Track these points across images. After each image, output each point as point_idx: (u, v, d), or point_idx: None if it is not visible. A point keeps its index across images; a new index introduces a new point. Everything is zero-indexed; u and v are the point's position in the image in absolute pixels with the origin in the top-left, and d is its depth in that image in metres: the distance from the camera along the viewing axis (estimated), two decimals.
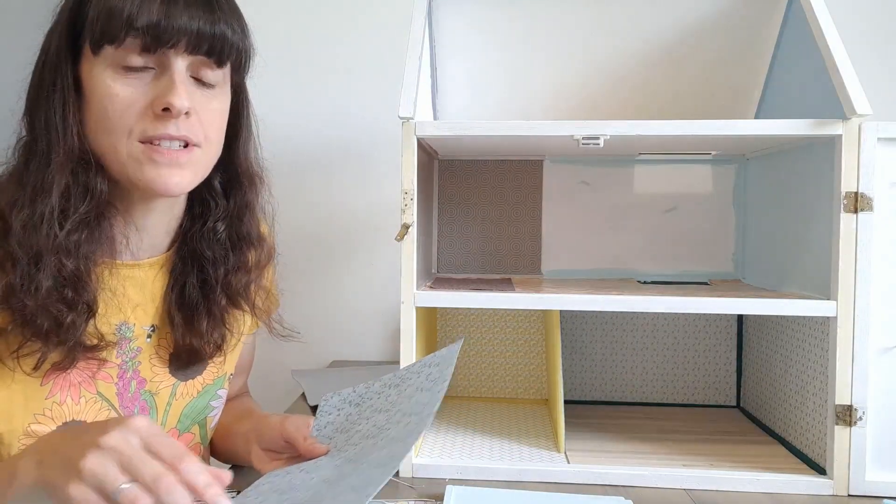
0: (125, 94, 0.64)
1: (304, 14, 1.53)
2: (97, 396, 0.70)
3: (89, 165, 0.65)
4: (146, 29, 0.62)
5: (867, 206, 0.81)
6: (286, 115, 1.53)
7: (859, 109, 0.80)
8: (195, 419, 0.80)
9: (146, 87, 0.64)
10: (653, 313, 1.17)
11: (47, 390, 0.67)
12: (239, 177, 0.76)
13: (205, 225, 0.75)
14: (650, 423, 1.07)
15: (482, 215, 1.22)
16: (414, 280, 0.87)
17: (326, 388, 1.27)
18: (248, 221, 0.77)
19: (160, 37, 0.62)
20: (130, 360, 0.73)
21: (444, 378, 0.65)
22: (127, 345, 0.72)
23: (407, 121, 0.87)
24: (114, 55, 0.63)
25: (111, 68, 0.64)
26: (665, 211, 1.19)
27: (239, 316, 0.80)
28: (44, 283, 0.62)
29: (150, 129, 0.64)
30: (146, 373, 0.74)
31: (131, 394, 0.72)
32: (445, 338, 1.22)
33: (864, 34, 1.39)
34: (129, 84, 0.64)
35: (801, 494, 0.83)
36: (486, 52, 1.15)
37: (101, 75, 0.64)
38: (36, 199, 0.63)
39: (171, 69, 0.64)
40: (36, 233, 0.63)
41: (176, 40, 0.63)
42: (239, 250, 0.77)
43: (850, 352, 0.82)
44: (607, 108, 1.15)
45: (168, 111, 0.64)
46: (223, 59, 0.68)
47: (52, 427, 0.68)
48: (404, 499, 0.80)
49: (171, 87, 0.63)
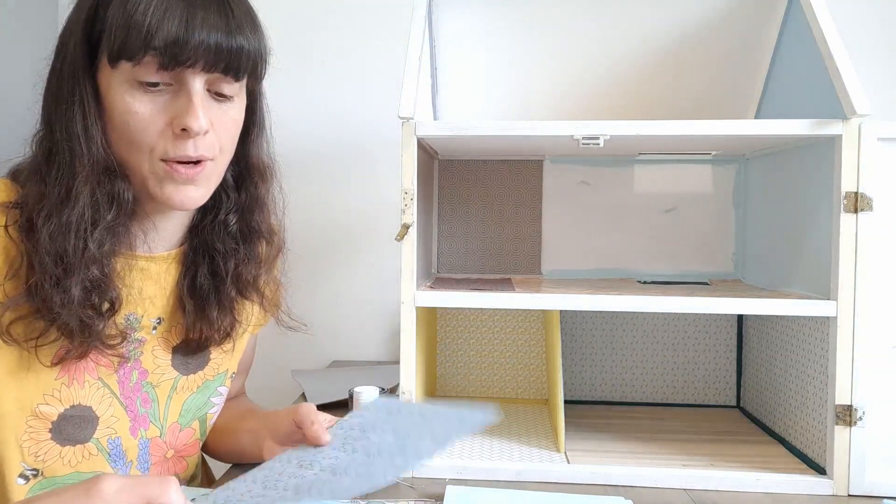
0: (144, 111, 0.64)
1: (304, 14, 1.53)
2: (99, 382, 0.70)
3: (115, 175, 0.66)
4: (164, 49, 0.62)
5: (867, 206, 0.81)
6: (286, 115, 1.52)
7: (859, 109, 0.80)
8: (196, 414, 0.80)
9: (165, 103, 0.65)
10: (653, 313, 1.17)
11: (56, 371, 0.68)
12: (250, 171, 0.76)
13: (216, 217, 0.75)
14: (650, 423, 1.07)
15: (482, 215, 1.22)
16: (414, 280, 0.87)
17: (326, 388, 1.27)
18: (258, 214, 0.77)
19: (178, 57, 0.62)
20: (133, 350, 0.73)
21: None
22: (132, 335, 0.73)
23: (407, 121, 0.87)
24: (131, 71, 0.63)
25: (128, 83, 0.64)
26: (665, 211, 1.19)
27: (247, 306, 0.81)
28: (72, 288, 0.63)
29: (170, 149, 0.65)
30: (148, 364, 0.74)
31: (132, 384, 0.73)
32: (446, 338, 1.22)
33: (864, 34, 1.39)
34: (147, 101, 0.64)
35: (801, 494, 0.83)
36: (486, 52, 1.15)
37: (119, 89, 0.64)
38: (63, 208, 0.63)
39: (188, 87, 0.64)
40: (64, 241, 0.63)
41: (194, 60, 0.63)
42: (249, 242, 0.77)
43: (850, 352, 0.82)
44: (607, 108, 1.15)
45: (186, 132, 0.65)
46: (240, 75, 0.68)
47: (59, 409, 0.68)
48: (404, 499, 0.80)
49: (188, 109, 0.64)
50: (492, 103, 1.17)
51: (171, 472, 0.77)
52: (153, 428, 0.75)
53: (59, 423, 0.68)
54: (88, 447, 0.69)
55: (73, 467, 0.68)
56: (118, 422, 0.71)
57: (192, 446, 0.79)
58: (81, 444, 0.69)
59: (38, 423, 0.67)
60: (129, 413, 0.72)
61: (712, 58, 1.12)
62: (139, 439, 0.73)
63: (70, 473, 0.68)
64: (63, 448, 0.68)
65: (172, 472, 0.77)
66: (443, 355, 1.22)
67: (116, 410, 0.71)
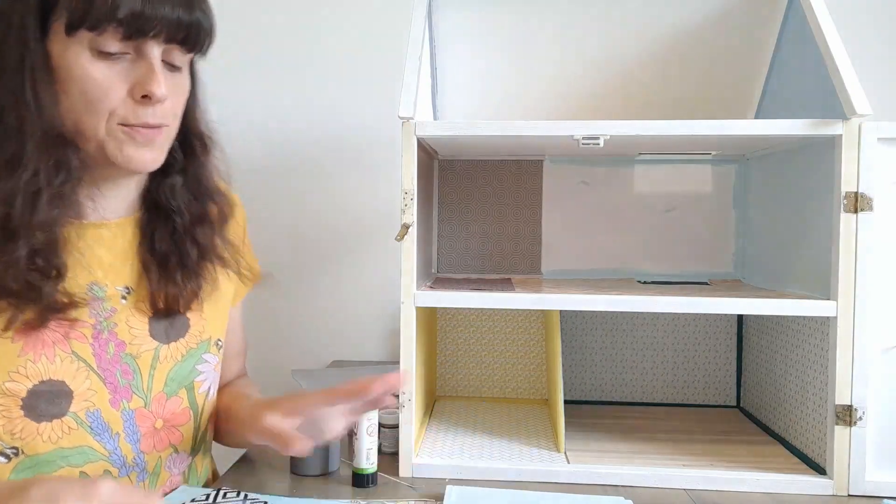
0: (104, 78, 0.66)
1: (304, 15, 1.53)
2: (73, 356, 0.70)
3: (66, 142, 0.67)
4: (128, 19, 0.64)
5: (867, 206, 0.81)
6: (286, 115, 1.53)
7: (859, 109, 0.80)
8: (182, 383, 0.79)
9: (123, 71, 0.67)
10: (653, 313, 1.17)
11: (19, 348, 0.68)
12: (193, 137, 0.79)
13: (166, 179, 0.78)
14: (650, 423, 1.07)
15: (482, 215, 1.22)
16: (414, 280, 0.87)
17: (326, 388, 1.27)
18: (204, 176, 0.80)
19: (142, 27, 0.65)
20: (106, 320, 0.73)
21: None
22: (100, 305, 0.73)
23: (407, 121, 0.87)
24: (91, 39, 0.65)
25: (88, 51, 0.65)
26: (665, 211, 1.19)
27: (212, 270, 0.83)
28: (17, 253, 0.64)
29: (130, 116, 0.67)
30: (124, 335, 0.74)
31: (110, 356, 0.73)
32: (445, 338, 1.22)
33: (864, 34, 1.39)
34: (105, 68, 0.66)
35: (801, 494, 0.83)
36: (486, 52, 1.15)
37: (76, 57, 0.65)
38: (11, 173, 0.65)
39: (148, 56, 0.67)
40: (11, 207, 0.64)
41: (157, 31, 0.66)
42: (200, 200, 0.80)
43: (850, 352, 0.82)
44: (607, 108, 1.15)
45: (147, 98, 0.67)
46: (196, 47, 0.71)
47: (28, 385, 0.68)
48: (404, 499, 0.80)
49: (150, 76, 0.66)
50: (492, 103, 1.17)
51: (164, 443, 0.77)
52: (136, 399, 0.74)
53: (30, 399, 0.68)
54: (66, 421, 0.69)
55: (54, 443, 0.68)
56: (96, 394, 0.71)
57: (182, 414, 0.79)
58: (58, 419, 0.68)
59: (8, 400, 0.67)
60: (108, 385, 0.72)
61: (712, 58, 1.12)
62: (122, 411, 0.73)
63: (52, 450, 0.68)
64: (40, 424, 0.68)
65: (167, 443, 0.77)
66: (443, 355, 1.22)
67: (94, 383, 0.71)
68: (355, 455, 0.83)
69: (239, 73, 1.53)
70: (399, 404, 0.88)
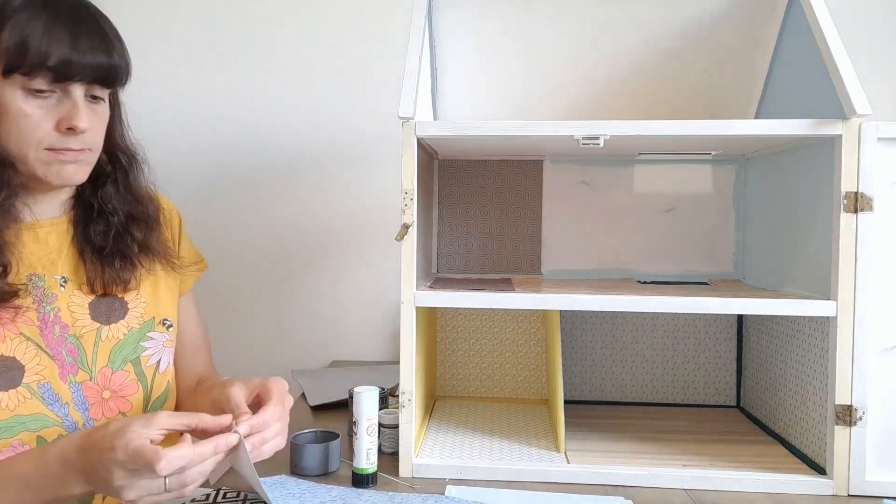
0: (35, 114, 0.78)
1: (304, 15, 1.53)
2: (21, 337, 0.80)
3: (5, 164, 0.79)
4: (56, 67, 0.76)
5: (867, 206, 0.81)
6: (287, 116, 1.53)
7: (859, 109, 0.80)
8: (127, 358, 0.88)
9: (51, 107, 0.79)
10: (653, 313, 1.17)
11: None
12: (118, 153, 0.91)
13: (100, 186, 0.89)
14: (650, 423, 1.07)
15: (482, 215, 1.22)
16: (414, 280, 0.87)
17: (326, 388, 1.27)
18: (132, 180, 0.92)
19: (68, 73, 0.77)
20: (50, 306, 0.84)
21: None
22: (41, 293, 0.84)
23: (407, 121, 0.87)
24: (23, 81, 0.76)
25: (21, 90, 0.77)
26: (665, 211, 1.19)
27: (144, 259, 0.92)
28: None
29: (56, 143, 0.79)
30: (66, 318, 0.84)
31: (56, 337, 0.83)
32: (446, 338, 1.22)
33: (864, 34, 1.39)
34: (36, 105, 0.78)
35: (801, 494, 0.83)
36: (486, 53, 1.15)
37: (12, 96, 0.77)
38: None
39: (73, 95, 0.79)
40: None
41: (81, 76, 0.78)
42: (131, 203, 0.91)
43: (850, 352, 0.82)
44: (607, 108, 1.15)
45: (72, 129, 0.79)
46: (114, 85, 0.84)
47: None
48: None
49: (75, 112, 0.79)
50: (492, 103, 1.17)
51: (113, 411, 0.86)
52: (82, 373, 0.84)
53: None
54: (21, 391, 0.79)
55: (11, 411, 0.77)
56: (45, 369, 0.81)
57: (129, 386, 0.88)
58: (14, 389, 0.78)
59: None
60: (57, 361, 0.82)
61: (712, 58, 1.12)
62: (69, 384, 0.82)
63: (11, 417, 0.77)
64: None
65: (115, 411, 0.86)
66: (443, 355, 1.22)
67: (43, 360, 0.81)
68: (355, 455, 0.83)
69: (239, 73, 1.53)
70: (399, 404, 0.88)
